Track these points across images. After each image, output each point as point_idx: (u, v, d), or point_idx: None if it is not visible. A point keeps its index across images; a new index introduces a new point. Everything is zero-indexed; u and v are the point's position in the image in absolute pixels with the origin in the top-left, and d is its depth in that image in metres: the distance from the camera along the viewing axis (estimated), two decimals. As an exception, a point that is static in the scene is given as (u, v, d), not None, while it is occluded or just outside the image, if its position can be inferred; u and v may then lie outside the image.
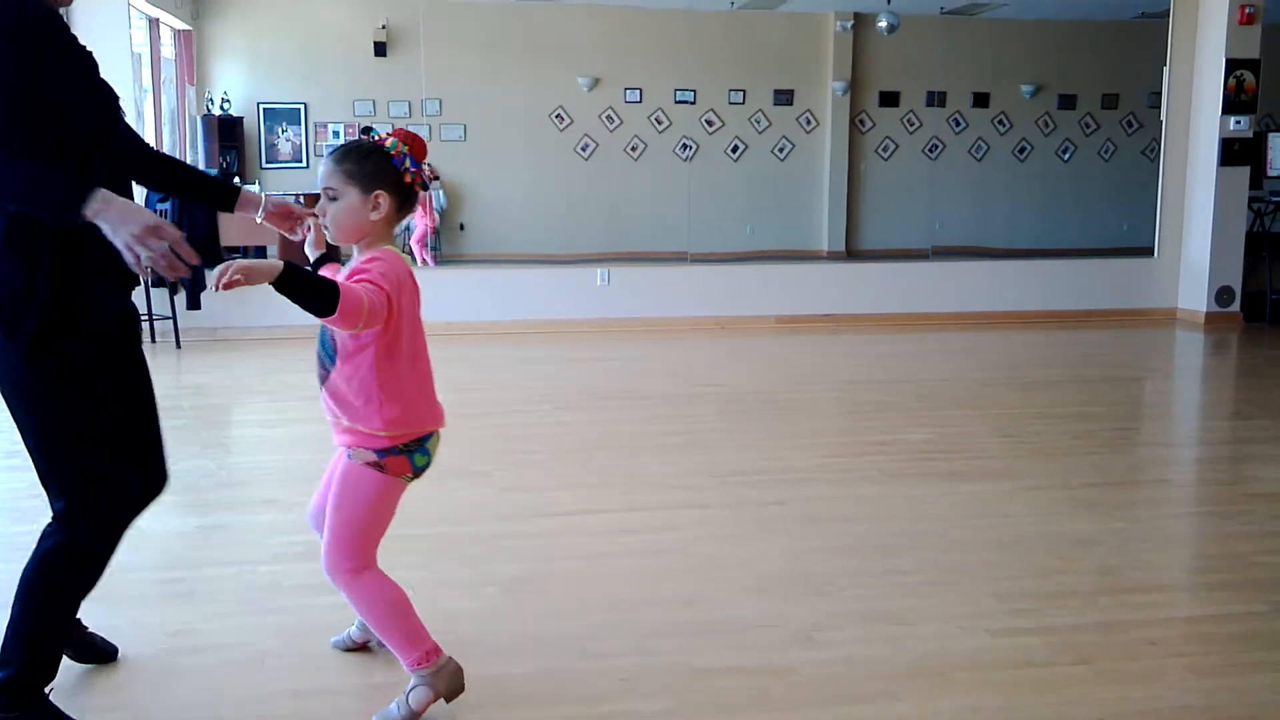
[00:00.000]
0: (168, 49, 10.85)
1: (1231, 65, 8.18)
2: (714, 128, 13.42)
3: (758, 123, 13.50)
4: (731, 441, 4.91)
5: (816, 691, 2.51)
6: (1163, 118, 8.79)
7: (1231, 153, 8.30)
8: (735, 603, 3.03)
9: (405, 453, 2.44)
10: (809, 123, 13.61)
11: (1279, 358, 7.41)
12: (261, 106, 12.31)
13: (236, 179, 10.96)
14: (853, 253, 13.36)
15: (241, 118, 12.13)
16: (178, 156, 10.90)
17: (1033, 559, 3.36)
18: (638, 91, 13.17)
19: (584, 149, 12.94)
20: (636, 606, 3.00)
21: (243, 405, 5.99)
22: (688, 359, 7.35)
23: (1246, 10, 8.11)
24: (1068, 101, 13.58)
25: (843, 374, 6.82)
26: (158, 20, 10.19)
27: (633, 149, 13.26)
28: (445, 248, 12.70)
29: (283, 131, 12.40)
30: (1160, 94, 8.81)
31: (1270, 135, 8.77)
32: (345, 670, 2.64)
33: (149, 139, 9.76)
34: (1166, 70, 8.67)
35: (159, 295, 7.38)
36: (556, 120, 12.66)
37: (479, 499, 4.02)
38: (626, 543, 3.52)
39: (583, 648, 2.74)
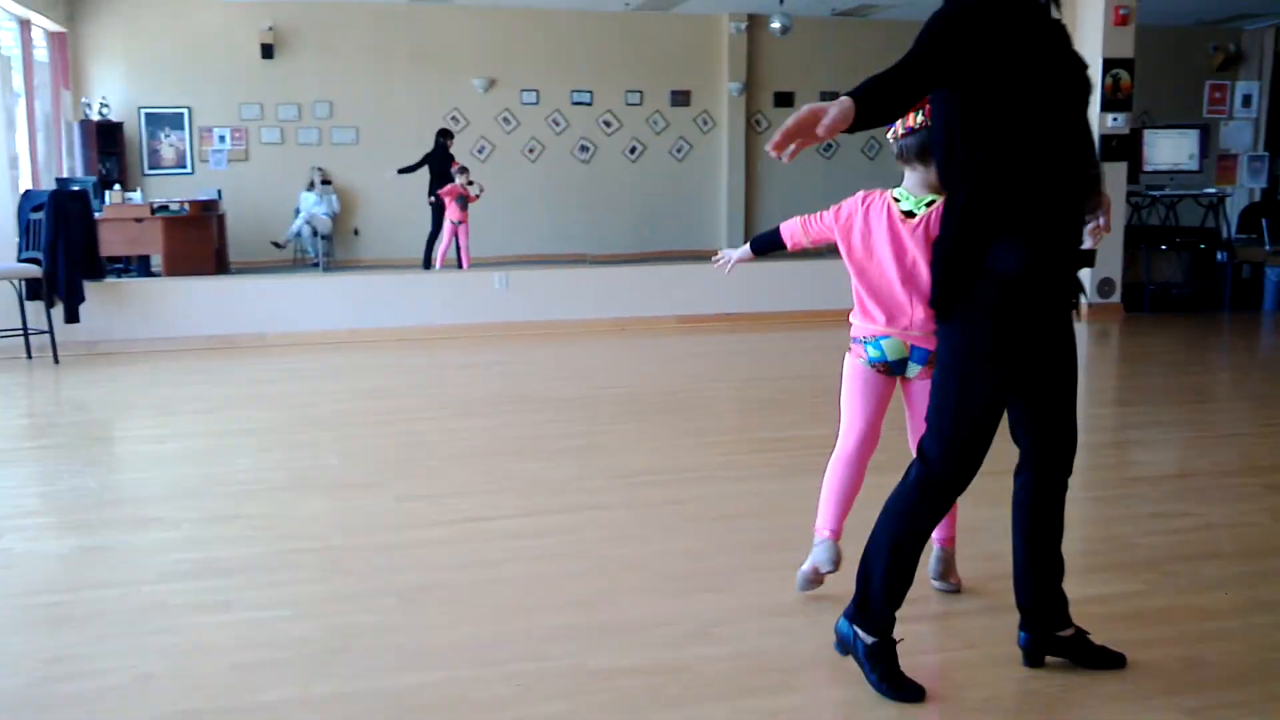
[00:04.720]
0: (40, 52, 10.44)
1: (1108, 65, 8.49)
2: (612, 129, 13.45)
3: (655, 123, 13.57)
4: (631, 442, 4.92)
5: (713, 687, 2.51)
6: (1044, 116, 9.06)
7: (1110, 149, 8.61)
8: (634, 603, 3.02)
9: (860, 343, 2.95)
10: (706, 123, 13.73)
11: (1158, 346, 7.71)
12: (143, 111, 11.93)
13: (117, 186, 10.60)
14: (752, 252, 13.51)
15: (121, 123, 11.74)
16: (54, 164, 10.50)
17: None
18: (534, 93, 13.12)
19: (480, 151, 12.84)
20: (534, 611, 2.97)
21: (125, 421, 5.79)
22: (588, 361, 7.34)
23: (1121, 11, 8.43)
24: (955, 101, 13.94)
25: (742, 372, 6.88)
26: (29, 22, 9.80)
27: (530, 150, 13.21)
28: (339, 253, 12.47)
29: (166, 136, 12.03)
30: (1042, 93, 9.08)
31: (1146, 132, 9.13)
32: (232, 690, 2.56)
33: (22, 145, 9.38)
34: (1047, 70, 8.94)
35: (34, 308, 7.09)
36: (452, 122, 12.53)
37: (373, 509, 3.95)
38: (525, 547, 3.49)
39: (480, 655, 2.70)
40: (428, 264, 10.90)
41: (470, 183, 10.46)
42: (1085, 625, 2.62)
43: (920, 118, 2.70)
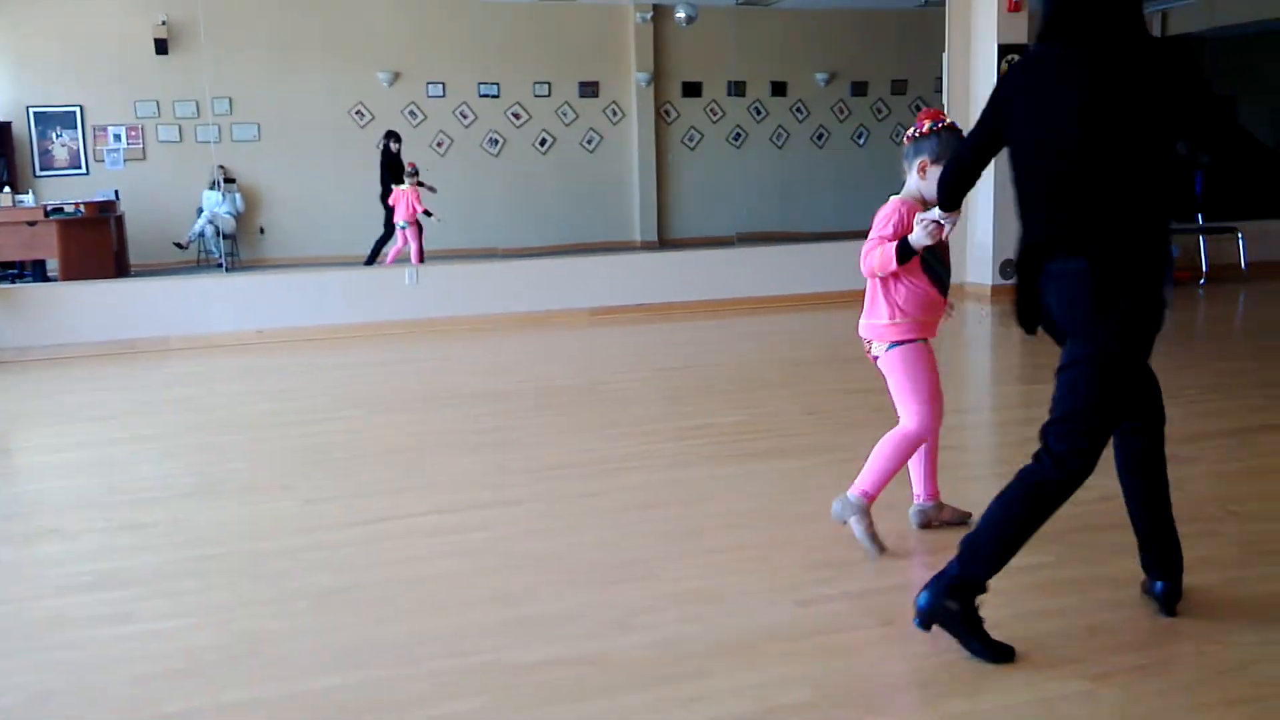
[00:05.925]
0: (-82, 49, 9.97)
1: (1003, 50, 8.67)
2: (521, 121, 13.34)
3: (564, 115, 13.50)
4: (546, 436, 4.88)
5: (632, 676, 2.51)
6: (945, 101, 9.25)
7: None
8: (551, 596, 3.00)
9: None
10: (615, 114, 13.70)
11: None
12: (31, 110, 11.50)
13: (7, 188, 10.18)
14: (665, 242, 13.54)
15: (9, 123, 11.30)
16: None
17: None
18: (440, 85, 12.95)
19: (387, 146, 12.62)
20: (450, 609, 2.94)
21: (21, 430, 5.57)
22: (501, 356, 7.28)
23: (1013, -2, 8.63)
24: (860, 88, 14.13)
25: (657, 362, 6.89)
26: (-96, 18, 9.34)
27: (439, 144, 13.04)
28: (244, 252, 12.18)
29: (57, 136, 11.61)
30: (943, 78, 9.27)
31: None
32: (135, 702, 2.47)
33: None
34: (946, 56, 9.12)
35: (-80, 317, 6.79)
36: (357, 117, 12.32)
37: (282, 513, 3.86)
38: (439, 545, 3.45)
39: (397, 654, 2.66)
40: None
41: (420, 184, 10.34)
42: (1000, 596, 2.67)
43: (929, 125, 3.05)
